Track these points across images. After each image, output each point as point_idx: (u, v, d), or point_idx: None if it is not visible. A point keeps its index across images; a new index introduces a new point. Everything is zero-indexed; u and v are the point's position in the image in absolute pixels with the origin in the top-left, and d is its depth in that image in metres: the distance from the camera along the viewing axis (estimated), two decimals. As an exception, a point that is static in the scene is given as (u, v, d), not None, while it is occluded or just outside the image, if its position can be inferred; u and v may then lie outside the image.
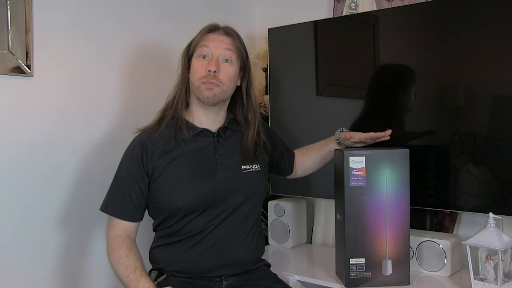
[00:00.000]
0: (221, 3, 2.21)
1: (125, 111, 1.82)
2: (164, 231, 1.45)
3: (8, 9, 1.47)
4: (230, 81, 1.44)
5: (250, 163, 1.48)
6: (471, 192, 1.64)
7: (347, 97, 1.91)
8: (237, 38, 1.47)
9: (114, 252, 1.38)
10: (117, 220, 1.42)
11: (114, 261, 1.37)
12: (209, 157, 1.44)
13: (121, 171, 1.44)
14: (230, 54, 1.43)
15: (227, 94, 1.45)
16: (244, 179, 1.46)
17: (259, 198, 1.53)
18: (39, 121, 1.58)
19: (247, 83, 1.50)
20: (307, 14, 2.08)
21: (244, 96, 1.51)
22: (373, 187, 1.46)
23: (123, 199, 1.41)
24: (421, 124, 1.75)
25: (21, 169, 1.54)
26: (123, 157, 1.46)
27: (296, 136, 1.99)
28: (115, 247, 1.39)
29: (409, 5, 1.80)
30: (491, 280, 1.40)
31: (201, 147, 1.45)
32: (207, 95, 1.40)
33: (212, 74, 1.39)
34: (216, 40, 1.43)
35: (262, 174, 1.52)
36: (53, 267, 1.62)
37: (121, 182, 1.43)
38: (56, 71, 1.62)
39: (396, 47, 1.81)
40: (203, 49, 1.43)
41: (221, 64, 1.42)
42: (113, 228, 1.42)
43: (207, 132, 1.47)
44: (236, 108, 1.53)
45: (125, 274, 1.33)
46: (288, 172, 1.73)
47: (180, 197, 1.39)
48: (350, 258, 1.47)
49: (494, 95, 1.60)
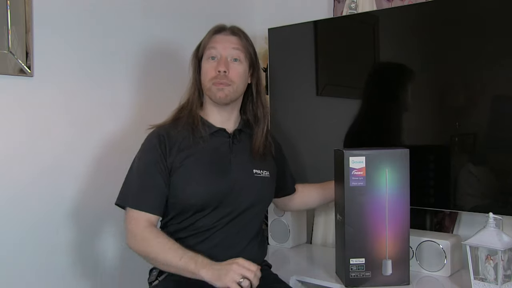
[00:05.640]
0: (221, 3, 2.21)
1: (125, 110, 1.82)
2: (172, 227, 1.45)
3: (8, 9, 1.47)
4: (240, 79, 1.46)
5: (261, 168, 1.51)
6: (471, 192, 1.64)
7: (347, 97, 1.91)
8: (244, 37, 1.50)
9: (152, 241, 1.35)
10: (139, 213, 1.38)
11: (157, 251, 1.33)
12: (223, 157, 1.46)
13: (140, 165, 1.42)
14: (238, 53, 1.46)
15: (238, 93, 1.48)
16: (255, 182, 1.48)
17: (266, 203, 1.56)
18: (39, 121, 1.58)
19: (257, 80, 1.54)
20: (307, 14, 2.08)
21: (254, 93, 1.54)
22: (373, 187, 1.46)
23: (146, 192, 1.39)
24: (421, 124, 1.75)
25: (21, 169, 1.54)
26: (141, 151, 1.45)
27: (296, 136, 1.99)
28: (151, 237, 1.35)
29: (409, 5, 1.80)
30: (491, 280, 1.40)
31: (217, 146, 1.47)
32: (219, 95, 1.43)
33: (222, 74, 1.43)
34: (224, 41, 1.46)
35: (271, 182, 1.55)
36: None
37: (143, 175, 1.40)
38: (56, 71, 1.62)
39: (396, 47, 1.81)
40: (212, 51, 1.46)
41: (230, 64, 1.45)
42: (137, 222, 1.37)
43: (223, 132, 1.49)
44: (246, 106, 1.56)
45: (178, 257, 1.31)
46: (287, 191, 1.72)
47: (194, 193, 1.40)
48: (350, 258, 1.47)
49: (494, 95, 1.60)
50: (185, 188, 1.40)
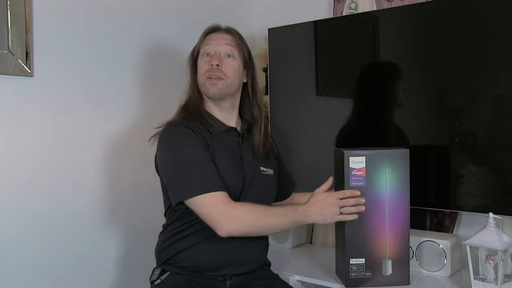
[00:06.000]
0: (221, 3, 2.20)
1: (125, 110, 1.82)
2: (182, 220, 1.43)
3: (8, 9, 1.47)
4: (234, 74, 1.48)
5: (266, 166, 1.53)
6: (471, 192, 1.64)
7: (347, 97, 1.91)
8: (238, 36, 1.52)
9: (257, 213, 1.34)
10: (218, 195, 1.32)
11: (267, 219, 1.34)
12: (236, 154, 1.49)
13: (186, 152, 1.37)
14: (231, 49, 1.48)
15: (232, 88, 1.49)
16: (263, 179, 1.51)
17: (270, 201, 1.58)
18: (39, 121, 1.58)
19: (252, 80, 1.55)
20: (307, 14, 2.08)
21: (250, 93, 1.56)
22: (373, 187, 1.46)
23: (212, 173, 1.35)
24: (421, 124, 1.75)
25: (21, 168, 1.54)
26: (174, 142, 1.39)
27: (296, 136, 1.99)
28: (251, 209, 1.34)
29: (409, 5, 1.80)
30: (491, 280, 1.40)
31: (229, 143, 1.49)
32: (212, 90, 1.45)
33: (215, 68, 1.44)
34: (218, 38, 1.49)
35: (275, 180, 1.58)
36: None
37: (198, 159, 1.36)
38: (56, 71, 1.62)
39: (396, 47, 1.81)
40: (206, 48, 1.48)
41: (224, 59, 1.47)
42: (224, 203, 1.32)
43: (234, 130, 1.51)
44: (244, 106, 1.57)
45: (283, 216, 1.35)
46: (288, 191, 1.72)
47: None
48: (350, 258, 1.47)
49: (494, 95, 1.60)
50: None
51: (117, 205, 1.79)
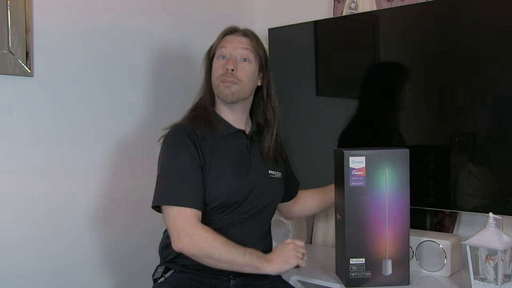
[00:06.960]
0: (221, 3, 2.21)
1: (126, 110, 1.82)
2: None
3: (8, 9, 1.47)
4: (248, 79, 1.48)
5: (274, 169, 1.54)
6: (471, 192, 1.64)
7: (347, 97, 1.91)
8: (255, 39, 1.52)
9: (214, 241, 1.32)
10: (187, 211, 1.33)
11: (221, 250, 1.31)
12: (243, 157, 1.49)
13: (174, 161, 1.39)
14: (247, 53, 1.48)
15: (245, 92, 1.48)
16: (271, 182, 1.52)
17: (277, 203, 1.59)
18: (39, 121, 1.58)
19: (268, 83, 1.55)
20: (307, 14, 2.08)
21: (265, 96, 1.56)
22: (373, 187, 1.46)
23: (190, 188, 1.36)
24: (421, 124, 1.75)
25: (20, 168, 1.54)
26: (171, 148, 1.41)
27: (296, 136, 1.98)
28: (212, 236, 1.32)
29: (409, 5, 1.80)
30: (491, 280, 1.40)
31: (236, 146, 1.49)
32: (226, 93, 1.45)
33: (230, 72, 1.44)
34: (234, 41, 1.49)
35: (282, 183, 1.58)
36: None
37: (183, 171, 1.37)
38: (56, 71, 1.62)
39: (396, 47, 1.81)
40: (222, 50, 1.48)
41: (239, 63, 1.47)
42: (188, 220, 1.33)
43: (242, 133, 1.51)
44: (257, 109, 1.57)
45: (241, 254, 1.32)
46: (293, 193, 1.73)
47: (219, 191, 1.40)
48: (350, 258, 1.47)
49: (494, 95, 1.60)
50: (213, 186, 1.40)
51: (119, 204, 1.79)
